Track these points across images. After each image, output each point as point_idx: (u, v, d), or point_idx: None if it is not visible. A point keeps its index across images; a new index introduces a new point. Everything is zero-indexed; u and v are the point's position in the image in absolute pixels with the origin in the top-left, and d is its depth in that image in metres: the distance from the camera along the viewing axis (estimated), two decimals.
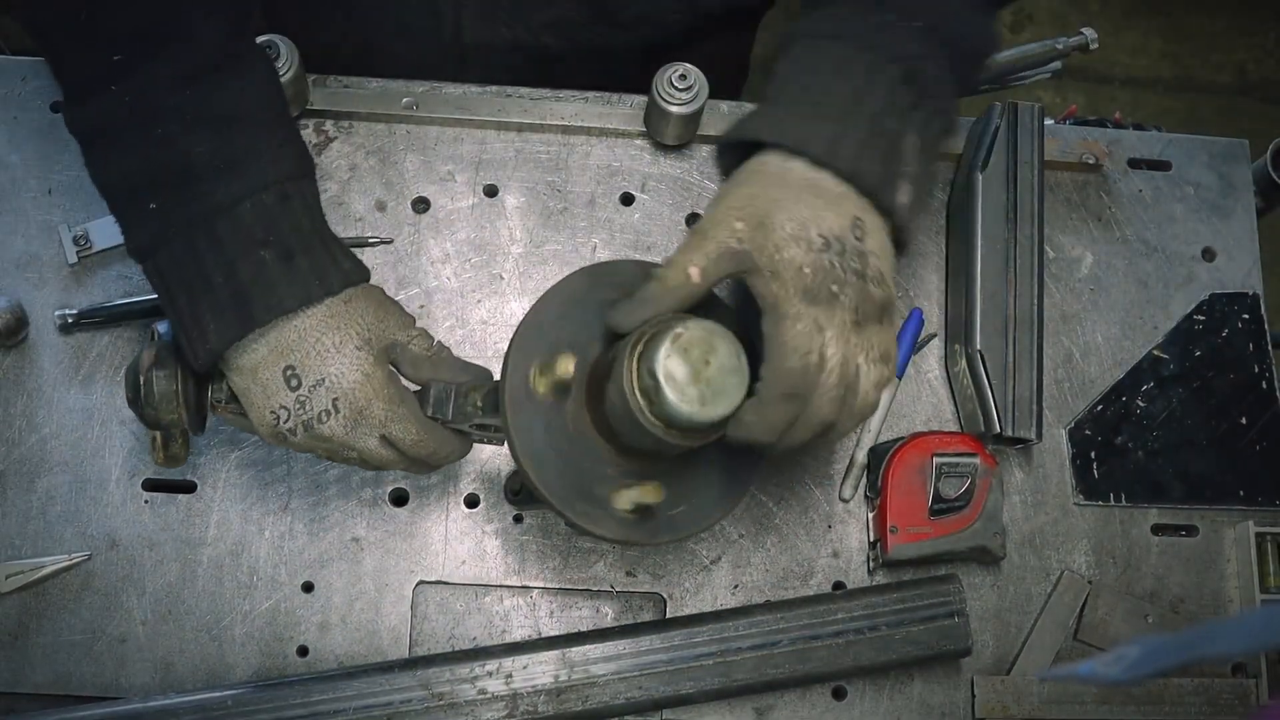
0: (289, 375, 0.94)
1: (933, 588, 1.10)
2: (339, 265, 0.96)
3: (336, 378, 0.95)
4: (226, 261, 0.92)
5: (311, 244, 0.95)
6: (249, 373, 0.95)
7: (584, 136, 1.24)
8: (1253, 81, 2.90)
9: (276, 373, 0.94)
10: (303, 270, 0.94)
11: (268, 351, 0.94)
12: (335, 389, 0.95)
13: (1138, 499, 1.19)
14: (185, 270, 0.93)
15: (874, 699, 1.12)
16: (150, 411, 0.98)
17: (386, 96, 1.22)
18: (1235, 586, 1.17)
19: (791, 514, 1.16)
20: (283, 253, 0.93)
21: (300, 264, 0.94)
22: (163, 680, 1.08)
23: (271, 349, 0.94)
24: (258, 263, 0.92)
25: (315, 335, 0.94)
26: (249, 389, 0.96)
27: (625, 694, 1.05)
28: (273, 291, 0.93)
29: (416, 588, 1.12)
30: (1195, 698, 1.12)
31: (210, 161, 0.92)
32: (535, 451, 0.92)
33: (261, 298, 0.93)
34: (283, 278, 0.93)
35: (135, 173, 0.93)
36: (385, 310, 0.99)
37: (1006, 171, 1.19)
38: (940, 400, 1.20)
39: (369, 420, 0.96)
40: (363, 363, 0.96)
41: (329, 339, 0.95)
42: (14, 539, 1.10)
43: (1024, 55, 1.30)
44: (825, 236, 0.87)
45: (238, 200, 0.92)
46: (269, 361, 0.94)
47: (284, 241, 0.93)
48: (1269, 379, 1.22)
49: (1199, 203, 1.28)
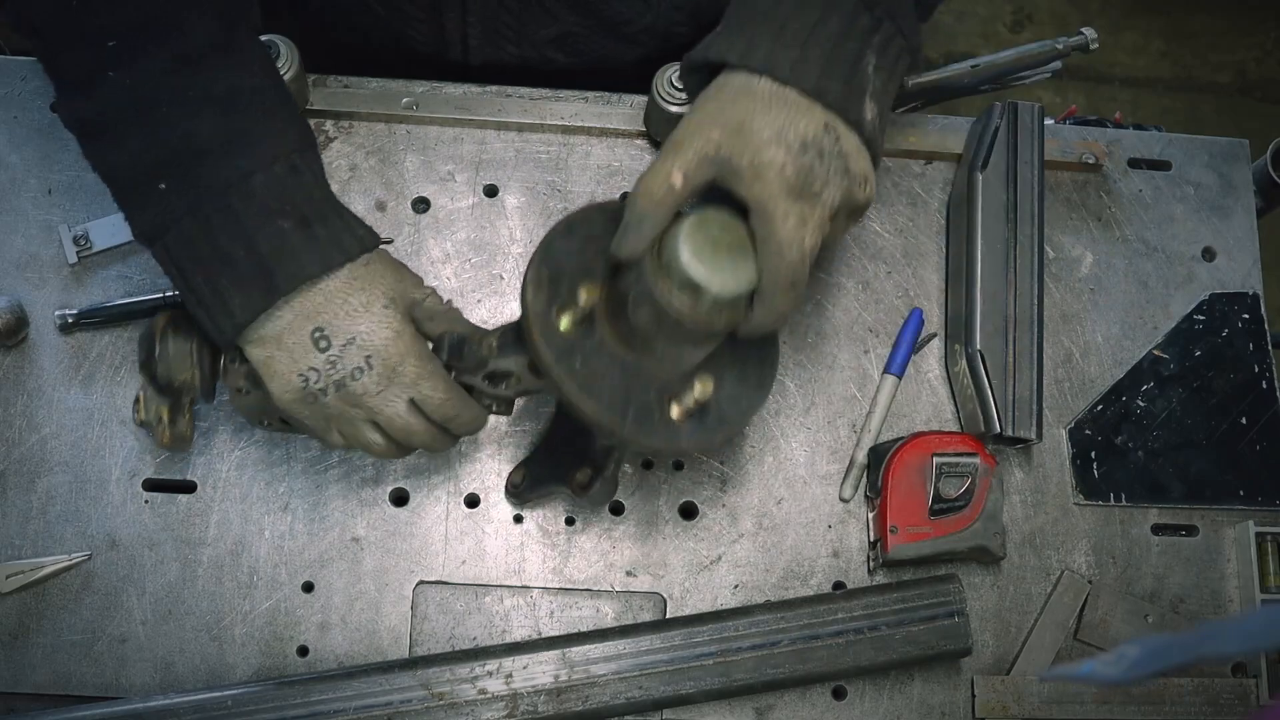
0: (317, 337, 0.95)
1: (933, 588, 1.10)
2: (353, 231, 0.98)
3: (367, 335, 0.96)
4: (244, 234, 0.94)
5: (325, 212, 0.97)
6: (272, 341, 0.96)
7: (584, 136, 1.24)
8: (1253, 81, 2.90)
9: (304, 336, 0.95)
10: (321, 237, 0.96)
11: (293, 317, 0.95)
12: (367, 346, 0.96)
13: (1138, 499, 1.19)
14: (199, 248, 0.94)
15: (874, 699, 1.12)
16: (164, 370, 1.00)
17: (386, 96, 1.23)
18: (1235, 586, 1.17)
19: (791, 514, 1.16)
20: (300, 221, 0.95)
21: (318, 231, 0.95)
22: (163, 680, 1.08)
23: (297, 314, 0.95)
24: (276, 233, 0.94)
25: (342, 296, 0.96)
26: (272, 357, 0.96)
27: (625, 694, 1.05)
28: (295, 259, 0.94)
29: (416, 588, 1.12)
30: (1195, 698, 1.12)
31: (216, 140, 0.94)
32: (576, 374, 0.93)
33: (284, 266, 0.94)
34: (303, 245, 0.95)
35: (139, 158, 0.94)
36: (400, 271, 1.02)
37: (1006, 171, 1.19)
38: (940, 400, 1.20)
39: (401, 378, 0.97)
40: (392, 320, 0.97)
41: (356, 299, 0.96)
42: (14, 539, 1.10)
43: (1024, 55, 1.30)
44: (803, 139, 0.92)
45: (249, 174, 0.94)
46: (295, 326, 0.95)
47: (299, 210, 0.95)
48: (1269, 379, 1.22)
49: (1199, 203, 1.28)
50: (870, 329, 1.22)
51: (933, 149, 1.26)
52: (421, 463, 1.15)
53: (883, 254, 1.24)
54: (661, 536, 1.15)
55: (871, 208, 1.23)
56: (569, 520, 1.15)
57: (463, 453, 1.15)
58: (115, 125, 0.94)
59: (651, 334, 0.94)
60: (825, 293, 1.22)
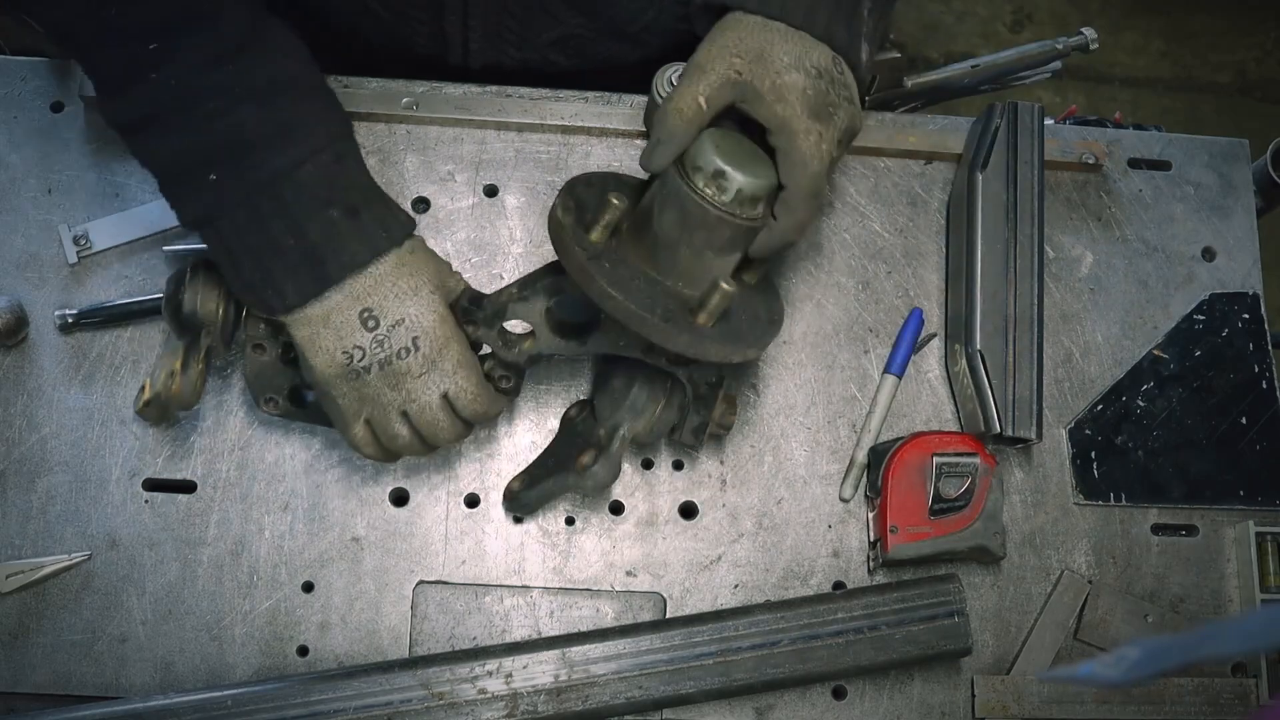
0: (365, 317, 0.99)
1: (933, 587, 1.10)
2: (397, 216, 1.02)
3: (416, 318, 1.00)
4: (295, 224, 0.97)
5: (371, 198, 1.01)
6: (319, 320, 0.99)
7: (584, 136, 1.24)
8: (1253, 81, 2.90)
9: (352, 316, 0.99)
10: (369, 224, 0.99)
11: (342, 298, 0.99)
12: (415, 328, 1.00)
13: (1138, 499, 1.19)
14: (251, 236, 0.97)
15: (874, 699, 1.12)
16: (190, 301, 1.03)
17: (386, 96, 1.23)
18: (1235, 586, 1.17)
19: (791, 514, 1.16)
20: (348, 210, 0.98)
21: (365, 219, 0.99)
22: (163, 680, 1.08)
23: (346, 295, 0.99)
24: (326, 222, 0.97)
25: (391, 280, 0.99)
26: (317, 334, 0.99)
27: (625, 694, 1.05)
28: (345, 248, 0.98)
29: (416, 588, 1.12)
30: (1195, 698, 1.12)
31: (263, 130, 0.96)
32: (605, 272, 0.97)
33: (334, 256, 0.98)
34: (352, 234, 0.98)
35: (188, 151, 0.97)
36: (437, 258, 1.05)
37: (1006, 171, 1.19)
38: (940, 400, 1.20)
39: (443, 364, 1.01)
40: (438, 305, 1.01)
41: (405, 283, 1.00)
42: (14, 539, 1.10)
43: (1024, 55, 1.31)
44: (818, 67, 1.00)
45: (298, 164, 0.97)
46: (344, 306, 0.99)
47: (347, 198, 0.99)
48: (1269, 379, 1.22)
49: (1199, 203, 1.28)
50: (870, 329, 1.22)
51: (933, 149, 1.26)
52: (421, 462, 1.15)
53: (883, 254, 1.24)
54: (661, 536, 1.15)
55: (871, 207, 1.24)
56: (569, 520, 1.15)
57: (463, 453, 1.15)
58: (160, 120, 0.97)
59: (675, 239, 0.99)
60: (825, 293, 1.22)
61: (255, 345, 1.05)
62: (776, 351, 1.20)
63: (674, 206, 0.99)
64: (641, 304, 0.97)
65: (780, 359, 1.20)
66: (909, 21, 2.81)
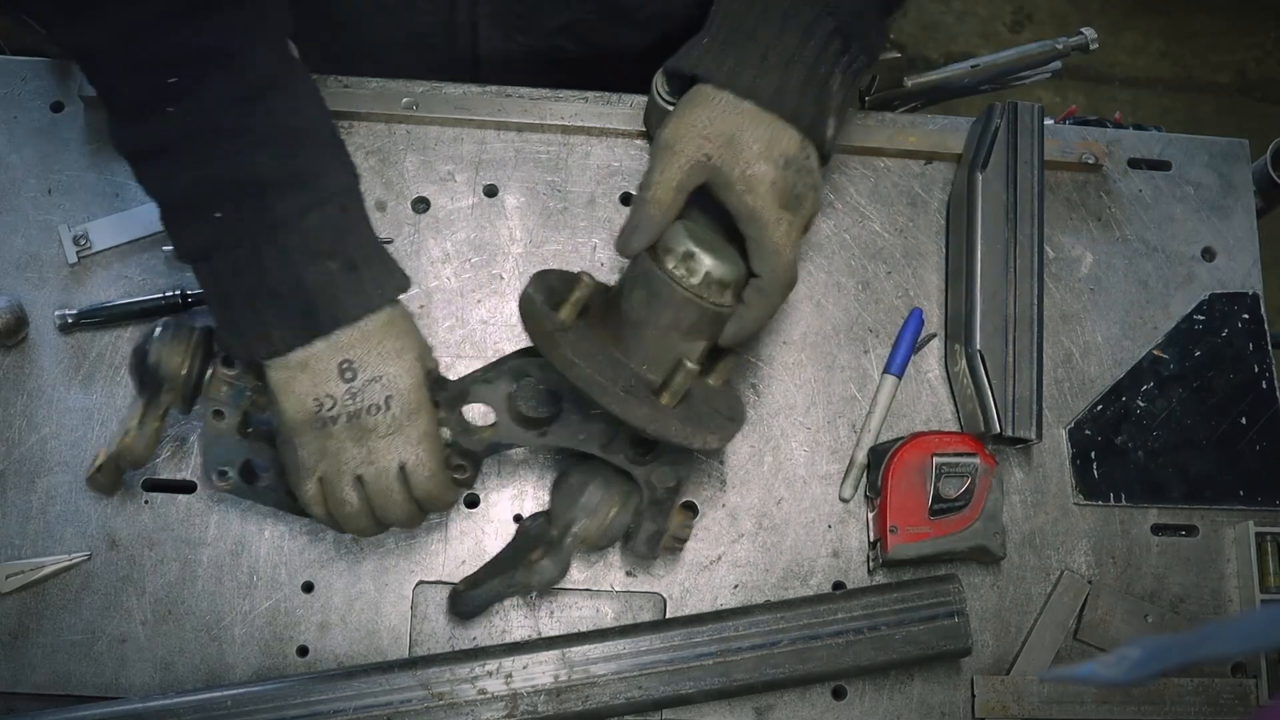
0: (344, 368, 0.98)
1: (933, 588, 1.10)
2: (393, 274, 1.01)
3: (394, 378, 0.99)
4: (293, 271, 0.96)
5: (371, 254, 1.00)
6: (297, 365, 0.98)
7: (584, 136, 1.24)
8: (1253, 81, 2.90)
9: (331, 365, 0.98)
10: (366, 280, 0.99)
11: (325, 348, 0.98)
12: (391, 387, 0.99)
13: (1138, 499, 1.19)
14: (247, 278, 0.97)
15: (874, 699, 1.12)
16: (154, 355, 1.01)
17: (386, 96, 1.23)
18: (1235, 586, 1.17)
19: (791, 514, 1.16)
20: (347, 263, 0.98)
21: (363, 274, 0.99)
22: (163, 680, 1.08)
23: (330, 346, 0.98)
24: (324, 273, 0.97)
25: (378, 337, 0.99)
26: (293, 378, 0.98)
27: (625, 694, 1.05)
28: (338, 302, 0.97)
29: (416, 588, 1.12)
30: (1195, 698, 1.12)
31: (275, 175, 0.96)
32: (571, 344, 0.97)
33: (327, 307, 0.97)
34: (348, 288, 0.98)
35: (196, 186, 0.96)
36: (419, 333, 1.04)
37: (1006, 171, 1.19)
38: (940, 400, 1.20)
39: (411, 429, 1.00)
40: (418, 373, 1.01)
41: (390, 344, 0.99)
42: (14, 539, 1.10)
43: (1024, 55, 1.30)
44: (785, 156, 1.02)
45: (305, 211, 0.96)
46: (324, 355, 0.98)
47: (348, 252, 0.98)
48: (1269, 379, 1.22)
49: (1199, 203, 1.28)
50: (870, 329, 1.22)
51: (933, 149, 1.26)
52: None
53: (883, 254, 1.24)
54: None
55: (871, 208, 1.24)
56: None
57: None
58: (173, 153, 0.96)
59: (643, 319, 1.00)
60: (825, 293, 1.22)
61: (215, 411, 1.03)
62: (776, 351, 1.20)
63: (643, 285, 1.01)
64: (605, 375, 0.96)
65: (780, 359, 1.20)
66: (909, 21, 2.82)
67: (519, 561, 1.07)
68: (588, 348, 0.99)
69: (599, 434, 1.04)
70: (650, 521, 1.07)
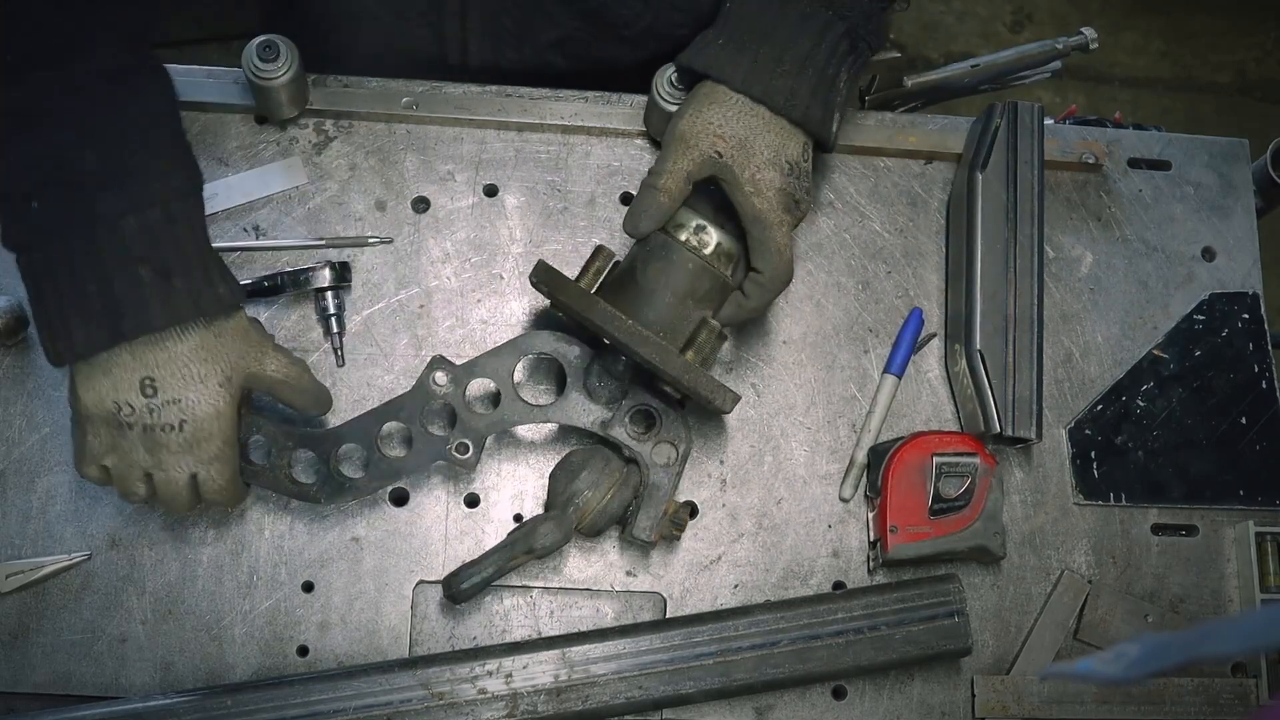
0: (146, 384, 0.97)
1: (933, 588, 1.10)
2: (214, 289, 0.98)
3: (193, 405, 0.98)
4: (102, 273, 0.94)
5: (190, 265, 0.97)
6: (100, 369, 0.97)
7: (584, 136, 1.24)
8: (1253, 81, 2.90)
9: (134, 377, 0.97)
10: (178, 291, 0.96)
11: (130, 359, 0.97)
12: (188, 413, 0.99)
13: (1138, 499, 1.19)
14: (58, 275, 0.94)
15: (874, 699, 1.12)
16: None
17: (386, 96, 1.22)
18: (1235, 586, 1.17)
19: (791, 514, 1.16)
20: (160, 271, 0.95)
21: (177, 284, 0.96)
22: (163, 680, 1.08)
23: (135, 358, 0.97)
24: (133, 279, 0.94)
25: (184, 361, 0.98)
26: (94, 378, 0.97)
27: (625, 694, 1.05)
28: (145, 309, 0.95)
29: (416, 588, 1.12)
30: (1195, 698, 1.12)
31: (97, 172, 0.93)
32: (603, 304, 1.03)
33: (133, 314, 0.95)
34: (157, 296, 0.95)
35: (16, 172, 0.93)
36: (250, 341, 1.03)
37: (1006, 171, 1.19)
38: (940, 400, 1.20)
39: (201, 452, 1.01)
40: (219, 399, 1.00)
41: (195, 369, 0.98)
42: (14, 539, 1.10)
43: (1024, 55, 1.31)
44: (791, 162, 1.08)
45: (121, 214, 0.93)
46: (128, 366, 0.97)
47: (163, 260, 0.95)
48: (1269, 379, 1.22)
49: (1199, 203, 1.28)
50: (870, 329, 1.22)
51: (933, 149, 1.26)
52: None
53: (883, 254, 1.24)
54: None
55: (871, 207, 1.25)
56: None
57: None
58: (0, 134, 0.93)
59: (658, 286, 1.06)
60: (825, 293, 1.22)
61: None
62: (776, 351, 1.20)
63: (660, 258, 1.07)
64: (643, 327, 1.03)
65: (780, 359, 1.20)
66: (909, 21, 2.81)
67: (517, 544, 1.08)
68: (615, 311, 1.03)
69: (601, 412, 1.08)
70: (649, 502, 1.09)
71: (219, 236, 1.18)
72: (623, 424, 1.09)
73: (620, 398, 1.09)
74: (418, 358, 1.17)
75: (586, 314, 1.03)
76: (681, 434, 1.10)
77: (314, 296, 1.17)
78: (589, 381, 1.09)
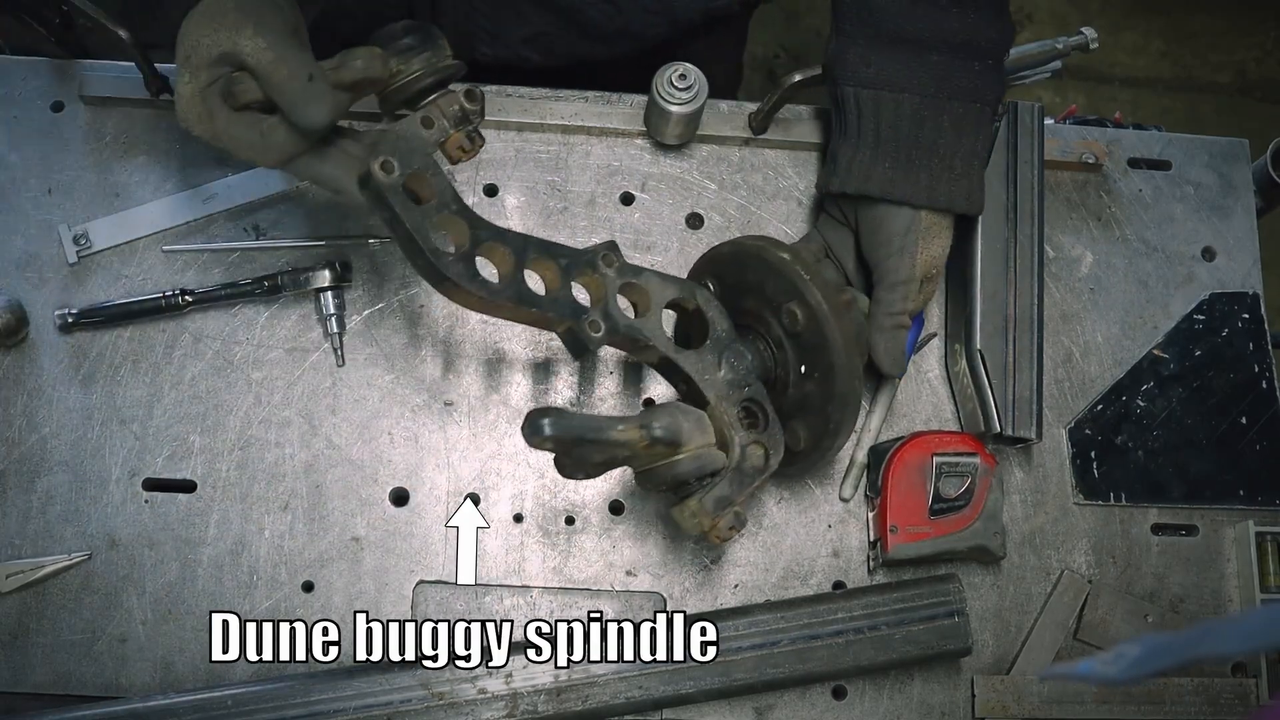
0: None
1: (933, 587, 1.10)
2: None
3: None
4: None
5: None
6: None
7: (584, 136, 1.24)
8: (1253, 81, 2.91)
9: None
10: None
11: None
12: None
13: (1138, 499, 1.19)
14: None
15: (874, 699, 1.12)
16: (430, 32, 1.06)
17: None
18: (1235, 586, 1.17)
19: (791, 514, 1.16)
20: None
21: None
22: (163, 680, 1.08)
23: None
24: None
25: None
26: None
27: (625, 694, 1.05)
28: None
29: (416, 587, 1.12)
30: (1195, 698, 1.12)
31: None
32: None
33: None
34: None
35: None
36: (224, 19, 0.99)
37: (1006, 171, 1.19)
38: (940, 400, 1.20)
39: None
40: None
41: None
42: (14, 539, 1.10)
43: (1024, 55, 1.30)
44: (939, 269, 1.13)
45: None
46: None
47: None
48: (1269, 379, 1.22)
49: (1199, 203, 1.28)
50: None
51: None
52: (422, 459, 1.15)
53: None
54: (661, 536, 1.15)
55: None
56: (569, 520, 1.15)
57: (462, 452, 1.15)
58: None
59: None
60: None
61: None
62: None
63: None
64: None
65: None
66: None
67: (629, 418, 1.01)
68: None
69: (724, 383, 1.05)
70: (734, 480, 1.01)
71: (219, 236, 1.18)
72: (733, 406, 1.04)
73: (742, 386, 1.05)
74: (418, 358, 1.17)
75: (795, 274, 1.04)
76: (778, 447, 1.05)
77: (314, 296, 1.17)
78: (726, 355, 1.05)
